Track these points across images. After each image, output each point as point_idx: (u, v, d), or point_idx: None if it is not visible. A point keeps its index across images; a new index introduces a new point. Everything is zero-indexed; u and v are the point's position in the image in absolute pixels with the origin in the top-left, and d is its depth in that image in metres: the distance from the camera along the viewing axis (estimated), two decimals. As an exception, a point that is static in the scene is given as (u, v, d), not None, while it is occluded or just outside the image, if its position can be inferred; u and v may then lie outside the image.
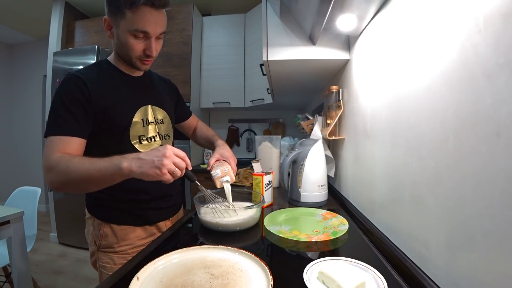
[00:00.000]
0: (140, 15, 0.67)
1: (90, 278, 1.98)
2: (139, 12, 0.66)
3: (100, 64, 0.80)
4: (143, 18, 0.67)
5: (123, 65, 0.80)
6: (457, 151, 0.40)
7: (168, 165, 0.57)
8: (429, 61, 0.48)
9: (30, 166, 3.65)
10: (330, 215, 0.86)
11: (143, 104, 0.82)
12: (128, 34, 0.69)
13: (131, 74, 0.82)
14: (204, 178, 2.41)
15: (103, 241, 0.77)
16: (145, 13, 0.67)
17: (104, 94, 0.73)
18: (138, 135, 0.79)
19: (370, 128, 0.79)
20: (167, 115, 0.90)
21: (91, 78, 0.72)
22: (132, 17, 0.67)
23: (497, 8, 0.33)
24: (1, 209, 1.41)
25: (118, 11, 0.67)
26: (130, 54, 0.73)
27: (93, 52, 2.31)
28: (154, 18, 0.69)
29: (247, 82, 2.54)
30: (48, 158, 0.65)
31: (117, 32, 0.71)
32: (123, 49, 0.74)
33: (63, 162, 0.62)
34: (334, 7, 0.72)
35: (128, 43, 0.71)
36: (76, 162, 0.62)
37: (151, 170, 0.57)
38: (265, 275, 0.47)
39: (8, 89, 3.71)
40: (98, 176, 0.61)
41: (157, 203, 0.84)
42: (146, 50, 0.73)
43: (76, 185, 0.63)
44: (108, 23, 0.72)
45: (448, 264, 0.42)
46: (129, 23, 0.68)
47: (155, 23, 0.70)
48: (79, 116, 0.69)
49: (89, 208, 0.82)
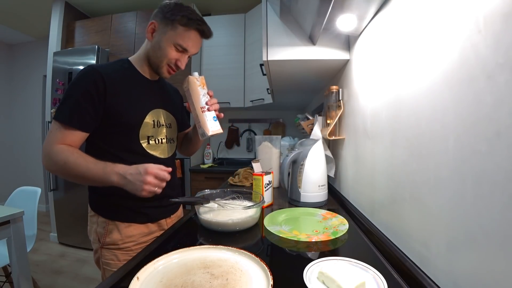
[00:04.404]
0: (189, 35, 0.78)
1: (90, 278, 1.98)
2: (189, 33, 0.77)
3: (121, 62, 0.84)
4: (190, 38, 0.78)
5: (145, 67, 0.84)
6: (457, 151, 0.40)
7: (147, 189, 0.67)
8: (429, 61, 0.48)
9: (30, 166, 3.65)
10: (330, 215, 0.86)
11: (157, 107, 0.85)
12: (170, 43, 0.77)
13: (149, 78, 0.86)
14: (204, 178, 2.41)
15: (107, 238, 0.79)
16: (194, 36, 0.79)
17: (120, 91, 0.77)
18: (147, 136, 0.82)
19: (370, 128, 0.79)
20: (175, 121, 0.94)
21: (110, 74, 0.76)
22: (182, 33, 0.77)
23: (497, 8, 0.33)
24: (1, 209, 1.40)
25: (170, 22, 0.76)
26: (162, 59, 0.79)
27: (93, 52, 2.31)
28: (197, 42, 0.81)
29: (247, 82, 2.54)
30: (49, 144, 0.70)
31: (160, 37, 0.78)
32: (158, 53, 0.79)
33: (62, 157, 0.69)
34: (334, 7, 0.72)
35: (166, 49, 0.78)
36: (73, 162, 0.69)
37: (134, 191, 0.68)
38: (265, 275, 0.47)
39: (8, 89, 3.70)
40: (91, 179, 0.70)
41: (159, 202, 0.86)
42: (178, 61, 0.80)
43: (71, 177, 0.71)
44: (153, 26, 0.79)
45: (448, 264, 0.42)
46: (177, 37, 0.77)
47: (196, 46, 0.81)
48: (87, 110, 0.72)
49: (92, 206, 0.83)
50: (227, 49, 2.60)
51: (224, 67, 2.58)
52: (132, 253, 0.78)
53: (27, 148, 3.66)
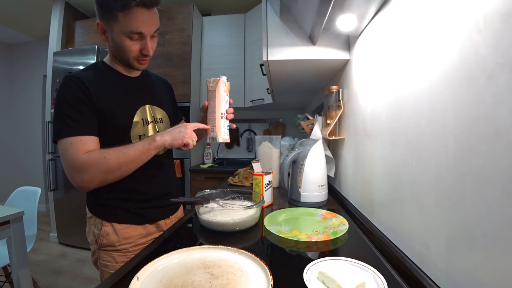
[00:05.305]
0: (133, 17, 0.67)
1: (90, 278, 1.98)
2: (131, 14, 0.67)
3: (96, 66, 0.79)
4: (137, 19, 0.68)
5: (120, 66, 0.81)
6: (457, 151, 0.40)
7: (188, 137, 0.75)
8: (429, 61, 0.48)
9: (30, 166, 3.65)
10: (330, 215, 0.86)
11: (142, 104, 0.82)
12: (123, 36, 0.70)
13: (129, 75, 0.83)
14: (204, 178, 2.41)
15: (104, 240, 0.78)
16: (138, 14, 0.68)
17: (103, 96, 0.73)
18: (139, 135, 0.80)
19: (370, 128, 0.79)
20: (166, 114, 0.91)
21: (90, 80, 0.72)
22: (125, 20, 0.67)
23: (497, 8, 0.33)
24: (1, 209, 1.41)
25: (110, 14, 0.68)
26: (127, 55, 0.74)
27: (93, 52, 2.31)
28: (147, 18, 0.70)
29: (247, 82, 2.54)
30: (76, 159, 0.67)
31: (112, 35, 0.71)
32: (119, 51, 0.74)
33: (97, 157, 0.68)
34: (334, 7, 0.72)
35: (124, 45, 0.71)
36: (112, 151, 0.69)
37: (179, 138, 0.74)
38: (265, 275, 0.47)
39: (8, 89, 3.71)
40: (137, 155, 0.71)
41: (157, 202, 0.85)
42: (143, 50, 0.74)
43: (115, 171, 0.70)
44: (101, 27, 0.72)
45: (448, 264, 0.42)
46: (123, 25, 0.68)
47: (149, 23, 0.70)
48: (89, 116, 0.70)
49: (90, 207, 0.82)
50: (227, 49, 2.60)
51: (224, 67, 2.58)
52: (130, 254, 0.77)
53: (27, 148, 3.66)
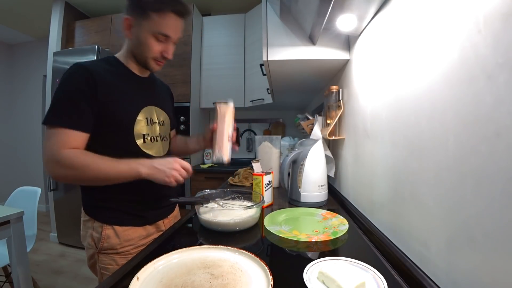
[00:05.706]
0: (165, 20, 0.72)
1: (90, 278, 1.98)
2: (165, 17, 0.72)
3: (108, 59, 0.80)
4: (168, 23, 0.73)
5: (133, 64, 0.81)
6: (457, 151, 0.40)
7: (175, 176, 0.70)
8: (429, 61, 0.48)
9: (30, 166, 3.64)
10: (330, 215, 0.86)
11: (148, 104, 0.83)
12: (149, 35, 0.73)
13: (138, 74, 0.83)
14: (204, 178, 2.41)
15: (105, 243, 0.76)
16: (171, 19, 0.73)
17: (110, 89, 0.73)
18: (143, 134, 0.80)
19: (370, 128, 0.79)
20: (168, 118, 0.91)
21: (99, 71, 0.72)
22: (158, 20, 0.71)
23: (497, 8, 0.33)
24: (1, 209, 1.41)
25: (142, 12, 0.71)
26: (147, 54, 0.76)
27: (93, 52, 2.31)
28: (177, 25, 0.75)
29: (247, 82, 2.54)
30: (55, 151, 0.66)
31: (138, 31, 0.73)
32: (140, 48, 0.76)
33: (78, 160, 0.67)
34: (334, 7, 0.72)
35: (148, 43, 0.74)
36: (93, 162, 0.68)
37: (162, 178, 0.70)
38: (265, 275, 0.47)
39: (8, 89, 3.70)
40: (115, 177, 0.69)
41: (156, 203, 0.85)
42: (164, 52, 0.77)
43: (88, 181, 0.71)
44: (128, 22, 0.74)
45: (448, 264, 0.42)
46: (153, 25, 0.72)
47: (177, 29, 0.76)
48: (84, 110, 0.69)
49: (87, 210, 0.79)
50: (227, 49, 2.60)
51: (224, 67, 2.58)
52: (131, 256, 0.74)
53: (27, 148, 3.66)
